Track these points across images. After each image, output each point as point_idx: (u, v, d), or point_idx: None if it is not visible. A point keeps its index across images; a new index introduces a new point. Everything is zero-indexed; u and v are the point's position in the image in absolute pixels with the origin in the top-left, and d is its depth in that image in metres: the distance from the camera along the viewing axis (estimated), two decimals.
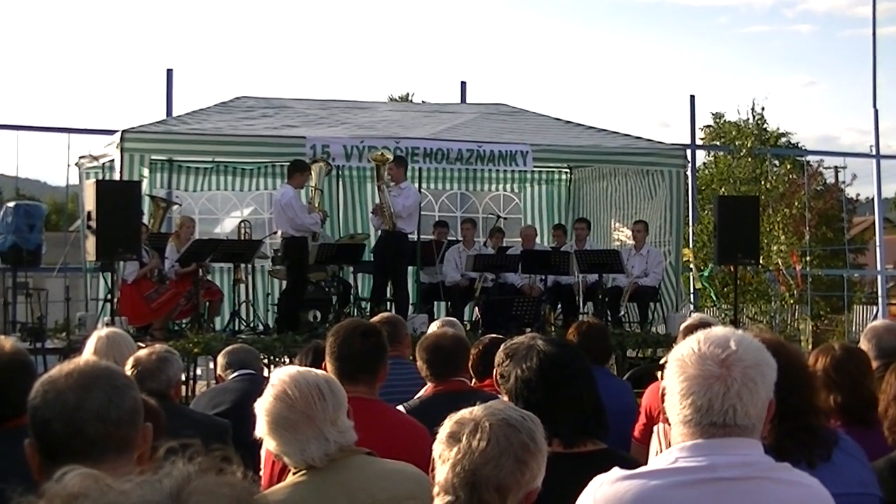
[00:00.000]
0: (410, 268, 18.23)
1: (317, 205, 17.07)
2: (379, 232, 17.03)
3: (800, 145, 42.90)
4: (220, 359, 8.52)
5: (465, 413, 3.29)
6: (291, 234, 16.03)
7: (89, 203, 14.82)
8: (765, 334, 4.11)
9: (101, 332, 7.18)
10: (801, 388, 4.16)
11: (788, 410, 3.86)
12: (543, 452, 3.29)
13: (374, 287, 17.21)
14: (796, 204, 26.21)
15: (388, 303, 16.43)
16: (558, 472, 4.17)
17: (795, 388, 4.03)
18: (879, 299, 27.68)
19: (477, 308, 17.88)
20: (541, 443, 3.28)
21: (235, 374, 8.10)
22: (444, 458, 3.21)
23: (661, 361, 10.82)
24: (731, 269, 18.38)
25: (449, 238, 19.17)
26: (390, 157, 16.50)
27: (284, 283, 17.43)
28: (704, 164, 36.65)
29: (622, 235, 20.45)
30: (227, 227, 22.30)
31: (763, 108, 37.69)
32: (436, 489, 3.22)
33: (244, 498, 1.79)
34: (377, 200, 16.96)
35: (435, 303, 18.53)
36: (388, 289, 16.79)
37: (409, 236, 16.92)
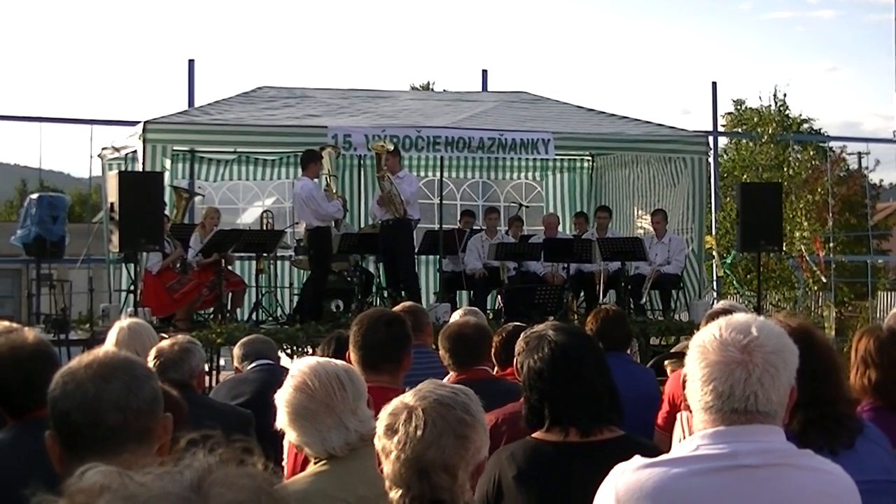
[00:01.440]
0: (432, 256, 18.23)
1: (334, 191, 17.04)
2: (380, 222, 16.94)
3: (822, 131, 42.75)
4: (237, 350, 8.52)
5: (396, 402, 3.28)
6: (316, 224, 16.03)
7: (112, 194, 14.87)
8: (793, 320, 4.10)
9: (123, 322, 7.19)
10: (827, 376, 4.14)
11: (813, 398, 3.85)
12: (483, 423, 3.28)
13: (388, 277, 17.22)
14: (819, 190, 26.11)
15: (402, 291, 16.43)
16: (577, 461, 4.18)
17: (822, 376, 4.01)
18: None
19: (499, 296, 17.87)
20: (477, 414, 3.27)
21: (253, 364, 8.10)
22: (386, 451, 3.20)
23: (673, 350, 10.76)
24: (755, 255, 18.34)
25: (474, 227, 19.15)
26: (391, 147, 16.50)
27: (307, 273, 17.44)
28: (725, 150, 36.50)
29: (645, 223, 20.41)
30: (249, 217, 22.36)
31: (785, 95, 37.60)
32: (386, 484, 3.21)
33: (265, 488, 1.79)
34: (379, 191, 16.84)
35: (457, 291, 18.52)
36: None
37: (416, 223, 16.95)
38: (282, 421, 4.11)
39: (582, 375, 4.38)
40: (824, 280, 22.82)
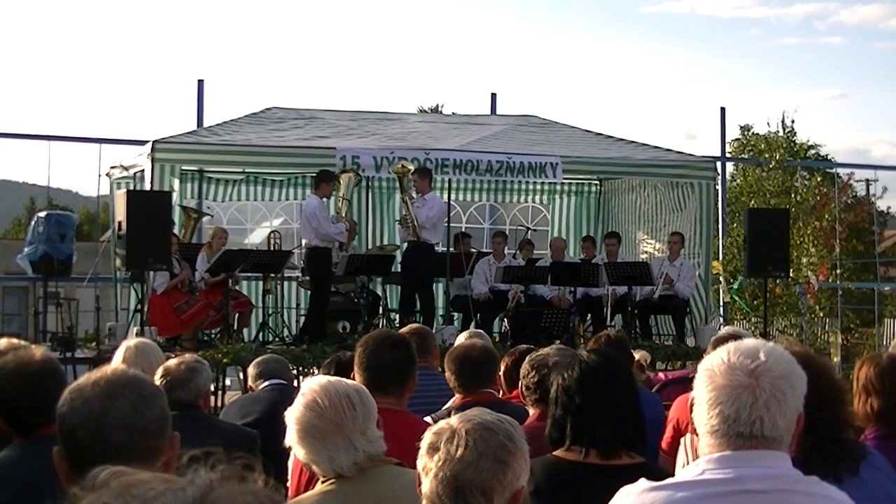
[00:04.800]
0: (440, 279, 18.24)
1: (344, 215, 17.09)
2: (405, 244, 17.13)
3: (830, 158, 42.74)
4: (251, 369, 8.54)
5: (441, 423, 3.35)
6: (316, 243, 16.09)
7: (120, 213, 14.87)
8: (794, 346, 4.10)
9: (130, 342, 7.19)
10: (830, 402, 4.14)
11: (816, 424, 3.85)
12: (524, 451, 3.32)
13: (402, 298, 17.28)
14: (826, 217, 26.10)
15: (416, 314, 16.46)
16: (595, 483, 4.18)
17: (824, 402, 4.01)
18: None
19: (506, 320, 17.86)
20: (519, 442, 3.32)
21: (265, 383, 8.11)
22: (426, 469, 3.25)
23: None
24: (761, 281, 18.32)
25: (472, 249, 19.09)
26: (411, 168, 16.59)
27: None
28: (733, 176, 36.47)
29: (649, 247, 20.42)
30: (257, 237, 22.36)
31: (793, 121, 37.56)
32: (423, 502, 3.26)
33: None
34: (403, 212, 17.02)
35: (464, 314, 18.51)
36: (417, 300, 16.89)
37: (435, 247, 17.01)
38: (291, 438, 4.12)
39: (608, 398, 4.43)
40: (811, 302, 22.76)
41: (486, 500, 3.18)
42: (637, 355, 10.55)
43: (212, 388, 9.09)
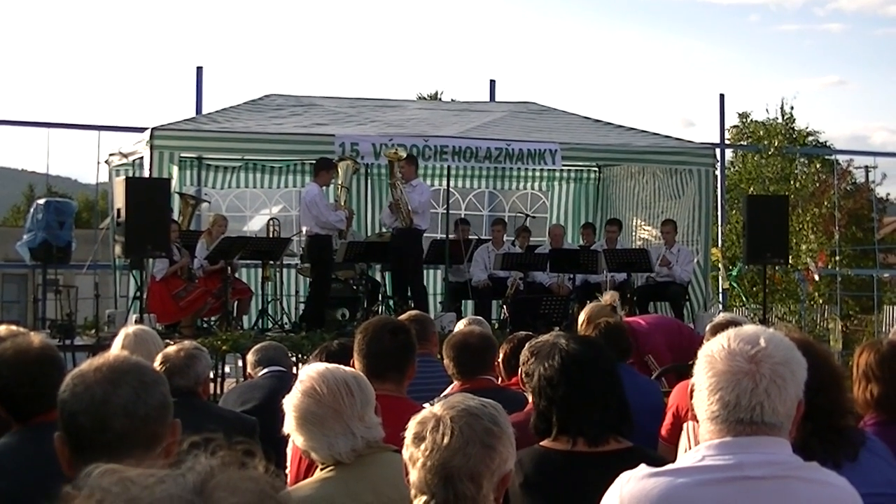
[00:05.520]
0: (438, 266, 18.24)
1: (343, 203, 17.10)
2: (391, 229, 17.10)
3: (829, 144, 42.69)
4: (250, 356, 8.53)
5: (425, 412, 3.34)
6: (316, 231, 16.10)
7: (119, 200, 14.85)
8: (794, 333, 4.10)
9: (129, 329, 7.19)
10: (829, 388, 4.14)
11: (816, 410, 3.84)
12: (509, 435, 3.31)
13: (395, 284, 17.26)
14: (826, 203, 26.08)
15: (410, 300, 16.46)
16: (585, 471, 4.18)
17: (823, 388, 4.00)
18: None
19: (505, 307, 17.86)
20: (505, 426, 3.31)
21: (265, 370, 8.11)
22: (413, 459, 3.25)
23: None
24: (760, 268, 18.31)
25: (470, 237, 19.08)
26: (403, 154, 16.56)
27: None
28: (732, 163, 36.43)
29: (646, 234, 20.42)
30: (255, 224, 22.36)
31: (792, 108, 37.50)
32: (412, 492, 3.25)
33: (268, 492, 1.79)
34: (390, 198, 17.00)
35: (463, 301, 18.51)
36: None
37: (424, 233, 17.04)
38: (289, 426, 4.12)
39: (591, 385, 4.40)
40: (811, 289, 22.78)
41: (475, 486, 3.17)
42: (607, 297, 10.59)
43: (211, 376, 9.07)
